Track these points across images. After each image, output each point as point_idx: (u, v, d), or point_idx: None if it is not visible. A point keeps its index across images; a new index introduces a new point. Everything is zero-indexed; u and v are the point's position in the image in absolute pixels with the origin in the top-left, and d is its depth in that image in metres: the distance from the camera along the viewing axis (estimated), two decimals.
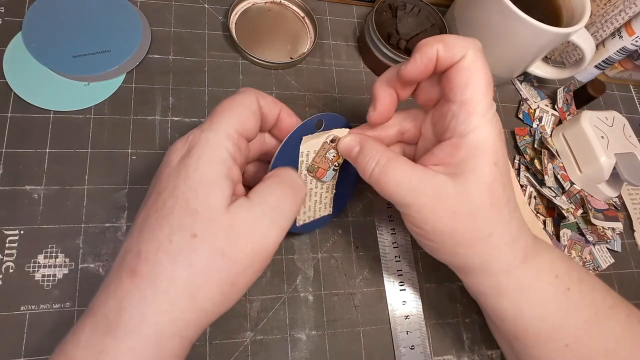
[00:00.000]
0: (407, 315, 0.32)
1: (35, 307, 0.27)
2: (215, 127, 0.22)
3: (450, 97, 0.24)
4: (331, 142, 0.29)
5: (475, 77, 0.23)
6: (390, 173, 0.24)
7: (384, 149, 0.26)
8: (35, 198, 0.29)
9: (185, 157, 0.22)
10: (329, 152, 0.29)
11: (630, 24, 0.42)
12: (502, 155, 0.24)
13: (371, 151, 0.26)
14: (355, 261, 0.33)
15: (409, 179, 0.24)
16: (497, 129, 0.24)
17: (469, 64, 0.23)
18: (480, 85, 0.23)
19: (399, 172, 0.24)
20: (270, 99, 0.25)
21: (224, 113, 0.23)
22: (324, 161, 0.29)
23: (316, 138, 0.28)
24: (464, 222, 0.23)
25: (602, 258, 0.39)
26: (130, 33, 0.34)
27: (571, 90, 0.44)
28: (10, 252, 0.27)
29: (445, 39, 0.23)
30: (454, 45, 0.23)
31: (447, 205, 0.23)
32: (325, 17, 0.41)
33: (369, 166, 0.25)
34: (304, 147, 0.28)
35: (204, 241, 0.20)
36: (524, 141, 0.41)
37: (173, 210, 0.20)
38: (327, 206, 0.32)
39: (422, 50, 0.24)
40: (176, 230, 0.20)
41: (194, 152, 0.21)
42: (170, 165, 0.22)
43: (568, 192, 0.39)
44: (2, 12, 0.33)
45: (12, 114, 0.31)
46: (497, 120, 0.24)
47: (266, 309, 0.30)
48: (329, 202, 0.31)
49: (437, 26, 0.41)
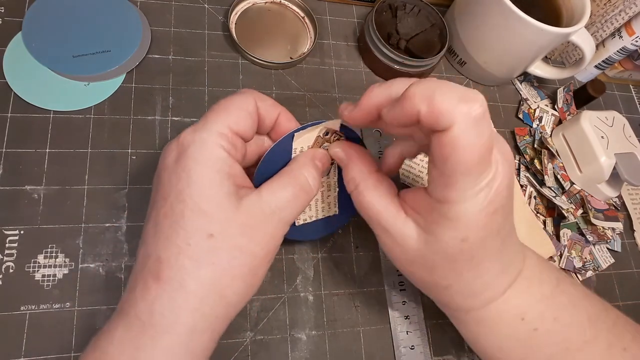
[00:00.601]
0: (407, 316, 0.32)
1: (35, 307, 0.27)
2: (209, 126, 0.22)
3: (430, 158, 0.21)
4: (325, 135, 0.27)
5: (457, 156, 0.19)
6: (364, 202, 0.24)
7: (365, 173, 0.25)
8: (35, 198, 0.29)
9: (181, 158, 0.21)
10: (323, 146, 0.28)
11: (630, 24, 0.42)
12: (475, 228, 0.21)
13: (352, 171, 0.25)
14: (355, 261, 0.33)
15: (378, 216, 0.24)
16: (483, 201, 0.20)
17: (453, 141, 0.18)
18: (463, 164, 0.19)
19: (371, 205, 0.24)
20: (269, 102, 0.25)
21: (219, 112, 0.23)
22: None
23: (308, 133, 0.27)
24: (421, 271, 0.24)
25: (602, 258, 0.39)
26: (130, 33, 0.34)
27: (571, 90, 0.44)
28: (10, 252, 0.27)
29: (435, 97, 0.18)
30: (440, 112, 0.18)
31: (407, 254, 0.23)
32: (325, 17, 0.41)
33: (349, 185, 0.26)
34: (297, 143, 0.27)
35: (221, 240, 0.21)
36: (524, 141, 0.41)
37: (184, 214, 0.21)
38: (332, 206, 0.30)
39: (394, 106, 0.20)
40: (192, 234, 0.21)
41: (190, 153, 0.21)
42: (168, 167, 0.22)
43: (568, 192, 0.39)
44: (2, 12, 0.33)
45: (12, 114, 0.31)
46: (487, 193, 0.20)
47: (266, 309, 0.30)
48: (333, 201, 0.30)
49: (437, 26, 0.41)
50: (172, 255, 0.20)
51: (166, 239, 0.21)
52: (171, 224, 0.21)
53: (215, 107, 0.23)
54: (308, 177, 0.25)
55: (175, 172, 0.21)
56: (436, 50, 0.39)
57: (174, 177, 0.21)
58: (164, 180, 0.22)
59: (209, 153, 0.21)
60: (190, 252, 0.20)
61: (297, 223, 0.29)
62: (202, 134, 0.22)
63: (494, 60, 0.40)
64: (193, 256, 0.20)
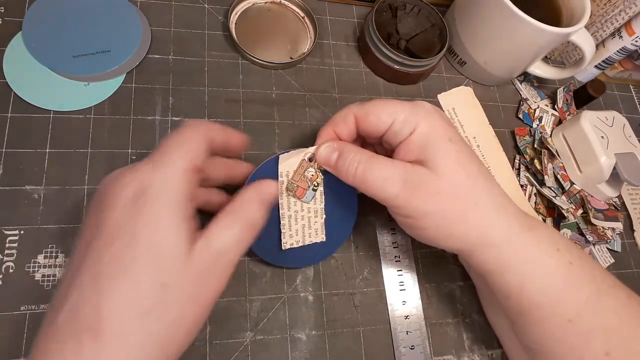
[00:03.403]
0: (407, 315, 0.32)
1: (35, 307, 0.27)
2: (173, 162, 0.21)
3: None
4: (309, 160, 0.29)
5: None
6: (375, 169, 0.25)
7: (362, 149, 0.27)
8: (35, 198, 0.29)
9: (140, 198, 0.20)
10: (307, 171, 0.29)
11: (630, 24, 0.42)
12: (453, 133, 0.26)
13: (350, 153, 0.27)
14: (355, 261, 0.33)
15: (393, 171, 0.25)
16: (438, 117, 0.26)
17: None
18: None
19: (383, 167, 0.25)
20: (219, 129, 0.25)
21: (180, 145, 0.21)
22: (302, 180, 0.29)
23: (294, 157, 0.28)
24: (449, 199, 0.25)
25: (602, 258, 0.39)
26: (130, 33, 0.34)
27: (571, 90, 0.44)
28: (10, 252, 0.27)
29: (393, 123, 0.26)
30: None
31: (430, 188, 0.25)
32: (325, 17, 0.41)
33: (351, 167, 0.26)
34: (282, 166, 0.28)
35: (174, 290, 0.19)
36: (524, 141, 0.41)
37: (136, 260, 0.19)
38: (319, 232, 0.30)
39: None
40: (144, 283, 0.19)
41: (152, 194, 0.20)
42: (122, 205, 0.20)
43: (568, 192, 0.39)
44: (2, 12, 0.33)
45: (12, 114, 0.31)
46: (434, 112, 0.26)
47: (266, 309, 0.30)
48: (320, 227, 0.30)
49: (437, 26, 0.41)
50: (118, 307, 0.18)
51: (111, 288, 0.18)
52: (119, 270, 0.19)
53: (169, 142, 0.22)
54: (255, 212, 0.24)
55: (131, 213, 0.20)
56: (436, 50, 0.39)
57: (129, 217, 0.20)
58: (113, 219, 0.20)
59: (173, 194, 0.20)
60: (139, 304, 0.19)
61: (283, 247, 0.29)
62: (165, 171, 0.20)
63: (494, 60, 0.40)
64: (143, 308, 0.19)
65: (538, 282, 0.25)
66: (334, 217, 0.30)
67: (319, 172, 0.29)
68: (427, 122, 0.26)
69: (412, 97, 0.41)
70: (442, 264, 0.35)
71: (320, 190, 0.29)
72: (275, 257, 0.30)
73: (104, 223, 0.20)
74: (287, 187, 0.29)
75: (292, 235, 0.29)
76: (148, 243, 0.19)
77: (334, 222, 0.30)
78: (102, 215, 0.20)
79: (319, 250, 0.31)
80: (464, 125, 0.40)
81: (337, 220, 0.31)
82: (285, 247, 0.29)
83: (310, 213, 0.30)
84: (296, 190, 0.29)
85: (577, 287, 0.25)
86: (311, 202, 0.29)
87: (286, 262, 0.31)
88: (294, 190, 0.29)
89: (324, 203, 0.30)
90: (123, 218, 0.20)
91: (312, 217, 0.30)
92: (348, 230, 0.32)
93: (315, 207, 0.30)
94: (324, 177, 0.29)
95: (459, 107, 0.41)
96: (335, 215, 0.30)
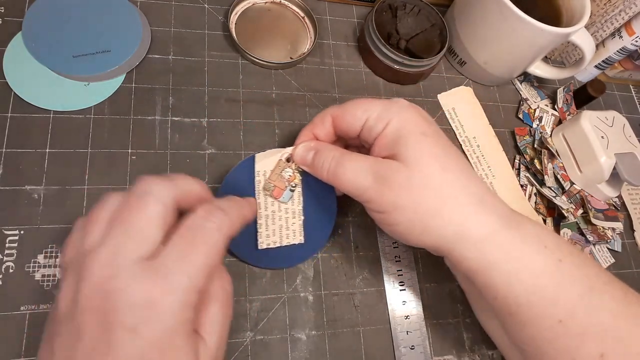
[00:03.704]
0: (407, 316, 0.32)
1: (35, 307, 0.27)
2: (184, 284, 0.19)
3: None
4: (287, 160, 0.29)
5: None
6: (347, 164, 0.26)
7: (337, 147, 0.28)
8: (35, 198, 0.29)
9: (148, 325, 0.18)
10: (284, 171, 0.29)
11: (630, 24, 0.42)
12: (428, 127, 0.26)
13: (325, 151, 0.27)
14: (355, 261, 0.33)
15: (364, 165, 0.25)
16: (411, 113, 0.26)
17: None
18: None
19: (354, 162, 0.26)
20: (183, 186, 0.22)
21: (191, 255, 0.19)
22: (280, 180, 0.29)
23: (271, 156, 0.29)
24: (421, 192, 0.24)
25: (603, 258, 0.39)
26: (130, 33, 0.34)
27: (571, 90, 0.44)
28: (10, 252, 0.27)
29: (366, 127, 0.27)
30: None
31: (401, 181, 0.24)
32: (325, 17, 0.41)
33: (325, 164, 0.27)
34: (259, 165, 0.29)
35: None
36: (524, 141, 0.41)
37: None
38: (297, 234, 0.30)
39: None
40: None
41: (160, 322, 0.18)
42: (129, 329, 0.18)
43: (568, 192, 0.39)
44: (2, 12, 0.33)
45: (12, 114, 0.31)
46: (408, 107, 0.26)
47: (266, 309, 0.30)
48: (298, 229, 0.30)
49: (437, 26, 0.41)
50: None
51: None
52: None
53: (187, 246, 0.19)
54: (227, 287, 0.22)
55: (142, 344, 0.17)
56: (436, 50, 0.39)
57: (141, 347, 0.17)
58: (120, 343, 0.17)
59: (183, 318, 0.18)
60: None
61: (259, 247, 0.29)
62: (177, 292, 0.18)
63: (494, 60, 0.40)
64: None
65: (525, 281, 0.23)
66: (313, 219, 0.31)
67: (297, 173, 0.30)
68: (399, 117, 0.26)
69: (412, 97, 0.41)
70: (442, 264, 0.35)
71: (299, 191, 0.30)
72: (252, 256, 0.30)
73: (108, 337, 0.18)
74: (264, 186, 0.29)
75: (268, 235, 0.30)
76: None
77: (313, 224, 0.31)
78: (106, 336, 0.18)
79: (297, 252, 0.31)
80: (464, 125, 0.40)
81: (317, 222, 0.31)
82: (262, 247, 0.29)
83: (288, 214, 0.30)
84: (273, 190, 0.29)
85: (568, 286, 0.23)
86: (289, 202, 0.30)
87: (263, 262, 0.30)
88: (270, 190, 0.29)
89: (302, 204, 0.30)
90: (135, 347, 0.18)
91: (289, 218, 0.30)
92: (327, 233, 0.32)
93: (293, 208, 0.30)
94: (303, 180, 0.30)
95: (459, 107, 0.41)
96: (314, 217, 0.31)
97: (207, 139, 0.34)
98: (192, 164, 0.33)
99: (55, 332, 0.19)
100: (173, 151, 0.33)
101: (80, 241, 0.20)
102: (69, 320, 0.18)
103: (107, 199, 0.21)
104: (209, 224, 0.20)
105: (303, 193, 0.30)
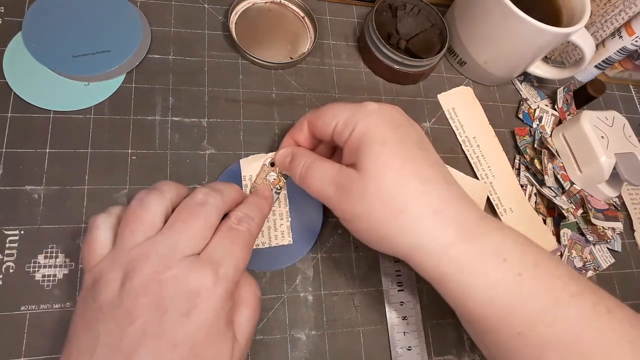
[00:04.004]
0: (404, 316, 0.32)
1: (35, 307, 0.27)
2: (232, 275, 0.23)
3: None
4: (271, 165, 0.30)
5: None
6: (314, 171, 0.27)
7: (312, 153, 0.28)
8: (35, 198, 0.29)
9: (194, 310, 0.21)
10: (269, 175, 0.31)
11: (630, 24, 0.42)
12: (390, 135, 0.25)
13: (298, 157, 0.28)
14: (355, 261, 0.33)
15: (327, 174, 0.26)
16: (375, 119, 0.25)
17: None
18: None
19: (320, 169, 0.27)
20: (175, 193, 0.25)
21: (235, 252, 0.23)
22: (265, 183, 0.31)
23: (256, 161, 0.30)
24: (375, 202, 0.24)
25: (603, 258, 0.39)
26: (130, 33, 0.34)
27: (571, 90, 0.44)
28: (10, 252, 0.28)
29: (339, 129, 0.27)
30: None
31: (356, 191, 0.25)
32: (325, 17, 0.41)
33: (298, 168, 0.28)
34: (245, 170, 0.30)
35: None
36: (524, 141, 0.41)
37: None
38: (286, 235, 0.31)
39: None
40: None
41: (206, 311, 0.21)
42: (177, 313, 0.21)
43: (568, 192, 0.39)
44: (2, 12, 0.33)
45: (12, 114, 0.31)
46: (373, 112, 0.26)
47: (266, 309, 0.30)
48: (286, 230, 0.31)
49: (437, 26, 0.41)
50: None
51: None
52: None
53: (230, 245, 0.23)
54: (257, 292, 0.25)
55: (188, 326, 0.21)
56: (436, 50, 0.39)
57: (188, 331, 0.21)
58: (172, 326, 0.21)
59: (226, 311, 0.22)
60: None
61: None
62: (223, 282, 0.22)
63: (494, 60, 0.40)
64: None
65: (481, 293, 0.23)
66: (301, 221, 0.32)
67: (282, 176, 0.31)
68: (363, 123, 0.25)
69: (412, 97, 0.41)
70: None
71: (284, 194, 0.31)
72: None
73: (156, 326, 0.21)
74: (250, 190, 0.30)
75: (257, 236, 0.30)
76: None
77: (301, 227, 0.32)
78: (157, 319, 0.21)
79: (287, 254, 0.31)
80: (464, 125, 0.40)
81: (305, 223, 0.32)
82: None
83: (275, 216, 0.31)
84: None
85: (527, 299, 0.23)
86: (275, 204, 0.31)
87: (257, 264, 0.31)
88: None
89: (289, 206, 0.31)
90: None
91: (277, 220, 0.31)
92: (315, 233, 0.32)
93: (280, 210, 0.31)
94: (289, 182, 0.31)
95: (459, 107, 0.41)
96: (302, 220, 0.32)
97: (207, 139, 0.34)
98: (192, 164, 0.33)
99: (98, 319, 0.21)
100: (173, 151, 0.33)
101: (124, 238, 0.22)
102: (115, 307, 0.20)
103: (141, 203, 0.24)
104: (242, 227, 0.25)
105: (289, 195, 0.32)
